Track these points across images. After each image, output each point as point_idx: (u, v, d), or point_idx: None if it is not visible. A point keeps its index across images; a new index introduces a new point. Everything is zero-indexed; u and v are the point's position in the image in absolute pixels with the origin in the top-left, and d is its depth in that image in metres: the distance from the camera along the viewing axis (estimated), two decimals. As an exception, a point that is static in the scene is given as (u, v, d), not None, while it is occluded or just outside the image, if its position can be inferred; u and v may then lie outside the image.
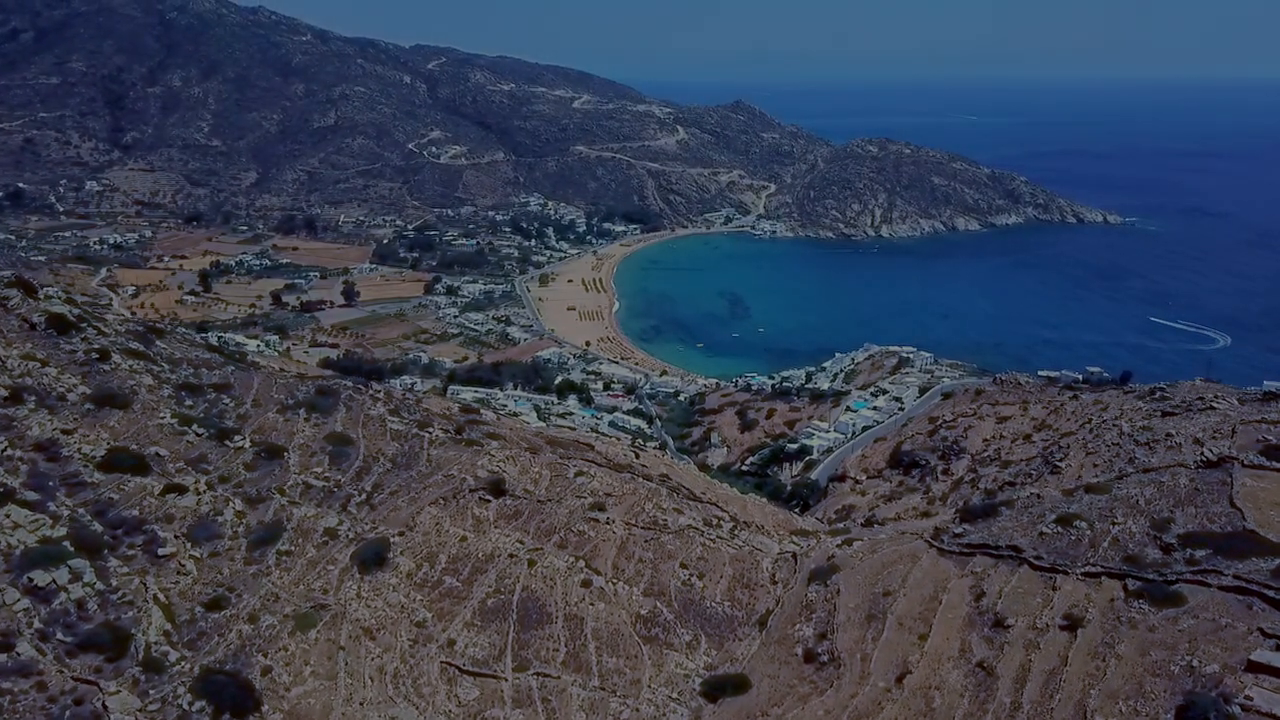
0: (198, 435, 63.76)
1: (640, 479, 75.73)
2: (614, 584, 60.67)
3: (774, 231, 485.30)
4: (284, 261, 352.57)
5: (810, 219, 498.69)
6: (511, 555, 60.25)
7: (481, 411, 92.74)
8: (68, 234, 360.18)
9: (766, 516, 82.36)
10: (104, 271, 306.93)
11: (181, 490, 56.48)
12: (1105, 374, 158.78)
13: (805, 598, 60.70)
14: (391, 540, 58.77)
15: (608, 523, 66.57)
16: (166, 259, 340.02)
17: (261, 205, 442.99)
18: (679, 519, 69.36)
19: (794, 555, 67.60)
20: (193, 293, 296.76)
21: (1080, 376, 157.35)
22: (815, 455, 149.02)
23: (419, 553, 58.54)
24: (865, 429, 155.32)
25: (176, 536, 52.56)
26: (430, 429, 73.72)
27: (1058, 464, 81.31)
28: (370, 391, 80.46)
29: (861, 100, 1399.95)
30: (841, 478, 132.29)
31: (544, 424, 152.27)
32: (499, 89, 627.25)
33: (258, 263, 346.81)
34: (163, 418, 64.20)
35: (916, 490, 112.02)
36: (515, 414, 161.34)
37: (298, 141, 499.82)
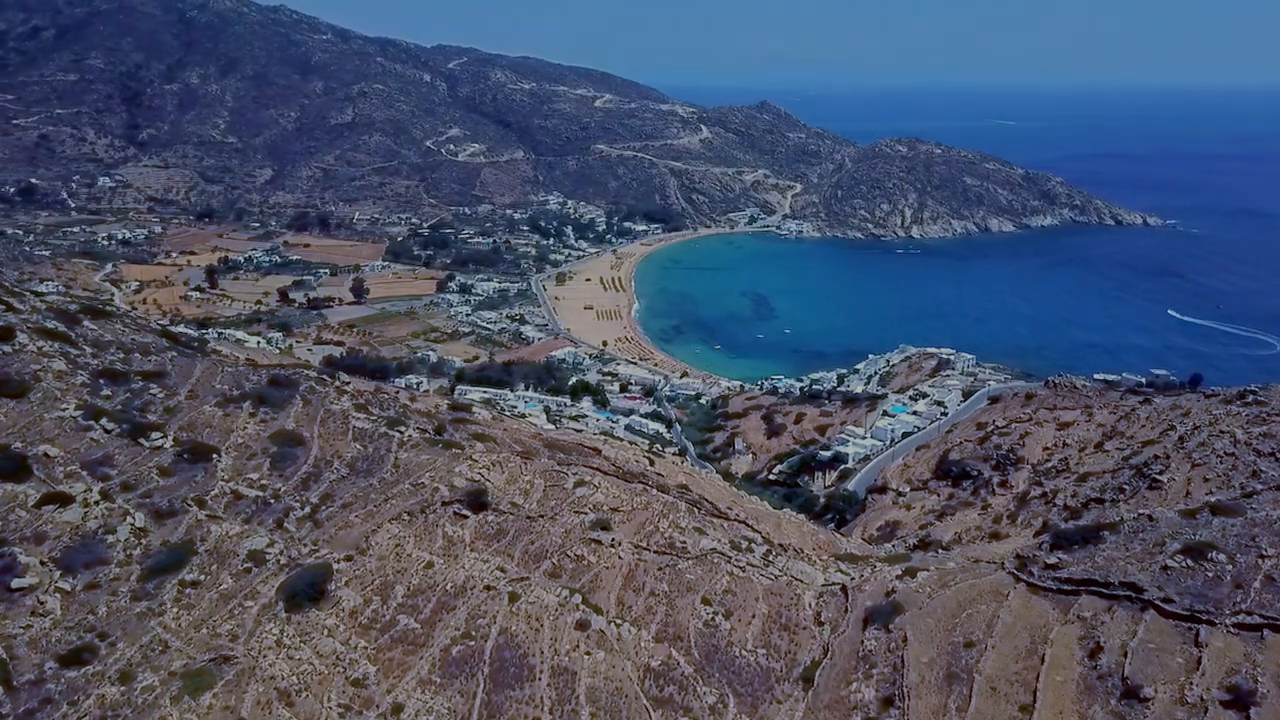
0: (106, 431, 51.79)
1: (654, 491, 62.98)
2: (618, 625, 48.03)
3: (800, 231, 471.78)
4: (294, 258, 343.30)
5: (838, 219, 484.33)
6: (488, 587, 47.80)
7: (474, 410, 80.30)
8: (76, 229, 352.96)
9: (805, 537, 69.32)
10: (109, 267, 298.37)
11: (65, 501, 44.49)
12: (1172, 377, 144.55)
13: (862, 647, 47.77)
14: (335, 567, 46.43)
15: (612, 545, 53.96)
16: (175, 255, 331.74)
17: (275, 202, 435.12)
18: (700, 541, 56.64)
19: (843, 588, 54.63)
20: (198, 289, 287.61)
21: (1143, 379, 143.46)
22: (851, 464, 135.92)
23: (369, 583, 46.15)
24: (905, 435, 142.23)
25: (43, 562, 40.51)
26: (403, 428, 61.41)
27: (1156, 477, 67.71)
28: (336, 383, 68.27)
29: (880, 106, 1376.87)
30: (882, 489, 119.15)
31: (553, 426, 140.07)
32: (520, 88, 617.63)
33: (267, 259, 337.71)
34: (65, 409, 52.31)
35: (972, 505, 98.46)
36: (523, 415, 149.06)
37: (314, 139, 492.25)
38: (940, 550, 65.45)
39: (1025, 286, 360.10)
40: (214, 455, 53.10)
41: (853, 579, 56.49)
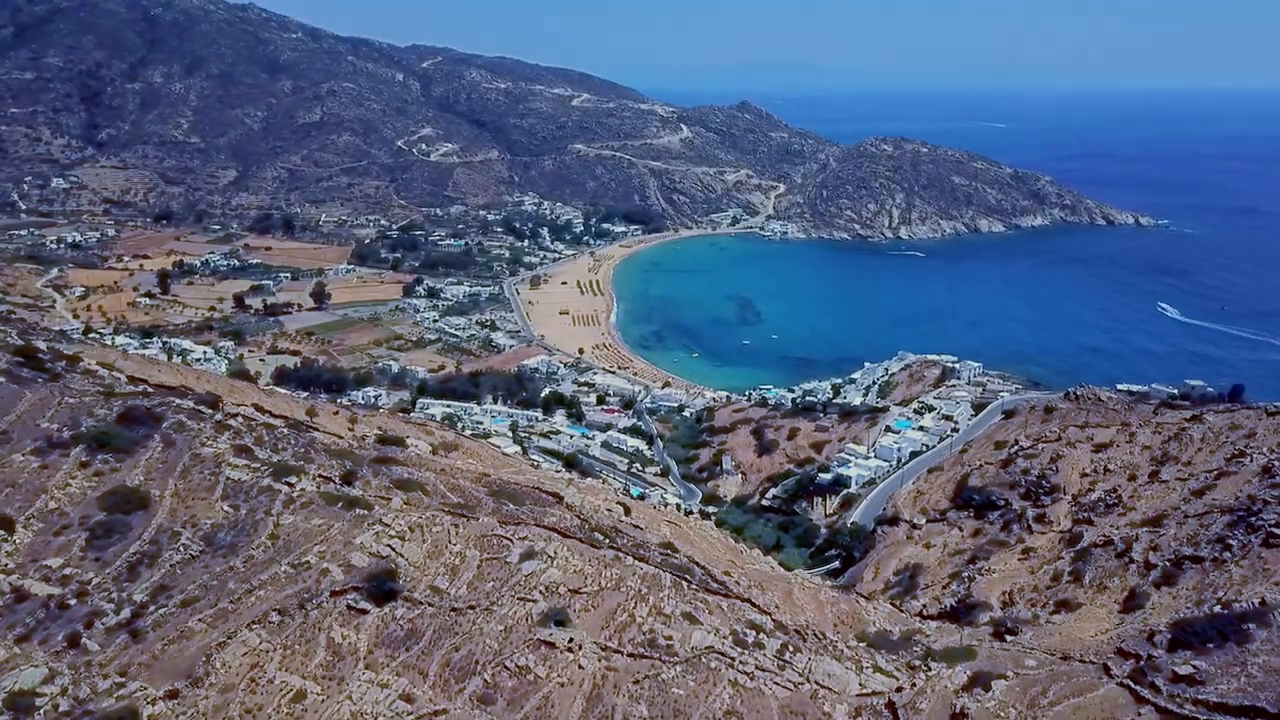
0: None
1: (629, 559, 47.91)
2: (574, 786, 33.08)
3: (785, 232, 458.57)
4: (254, 262, 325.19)
5: (823, 220, 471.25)
6: (383, 731, 32.71)
7: (407, 443, 64.87)
8: (24, 233, 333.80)
9: (822, 609, 54.55)
10: (54, 272, 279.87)
11: None
12: (1210, 388, 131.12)
13: (932, 816, 33.05)
14: (146, 713, 31.11)
15: (570, 649, 39.01)
16: (126, 259, 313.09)
17: (238, 204, 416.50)
18: (692, 634, 41.82)
19: (890, 705, 39.73)
20: (148, 295, 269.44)
21: (1175, 391, 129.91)
22: (854, 488, 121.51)
23: (197, 737, 30.83)
24: (914, 455, 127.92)
25: None
26: (294, 478, 46.18)
27: (1273, 530, 53.09)
28: (218, 416, 52.69)
29: (861, 108, 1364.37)
30: (893, 520, 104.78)
31: (519, 448, 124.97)
32: (495, 87, 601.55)
33: (225, 263, 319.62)
34: None
35: (1007, 545, 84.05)
36: (487, 434, 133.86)
37: (280, 139, 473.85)
38: (1007, 635, 50.61)
39: (1020, 288, 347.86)
40: (2, 530, 37.74)
41: (899, 685, 41.67)
